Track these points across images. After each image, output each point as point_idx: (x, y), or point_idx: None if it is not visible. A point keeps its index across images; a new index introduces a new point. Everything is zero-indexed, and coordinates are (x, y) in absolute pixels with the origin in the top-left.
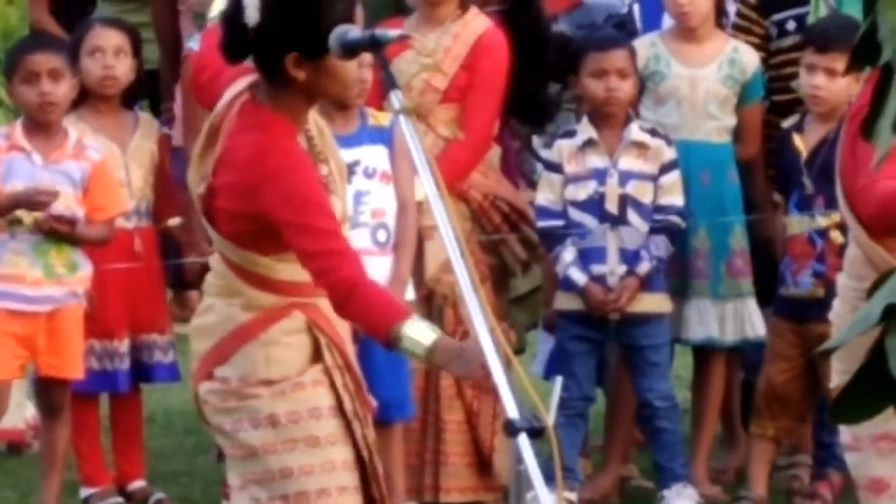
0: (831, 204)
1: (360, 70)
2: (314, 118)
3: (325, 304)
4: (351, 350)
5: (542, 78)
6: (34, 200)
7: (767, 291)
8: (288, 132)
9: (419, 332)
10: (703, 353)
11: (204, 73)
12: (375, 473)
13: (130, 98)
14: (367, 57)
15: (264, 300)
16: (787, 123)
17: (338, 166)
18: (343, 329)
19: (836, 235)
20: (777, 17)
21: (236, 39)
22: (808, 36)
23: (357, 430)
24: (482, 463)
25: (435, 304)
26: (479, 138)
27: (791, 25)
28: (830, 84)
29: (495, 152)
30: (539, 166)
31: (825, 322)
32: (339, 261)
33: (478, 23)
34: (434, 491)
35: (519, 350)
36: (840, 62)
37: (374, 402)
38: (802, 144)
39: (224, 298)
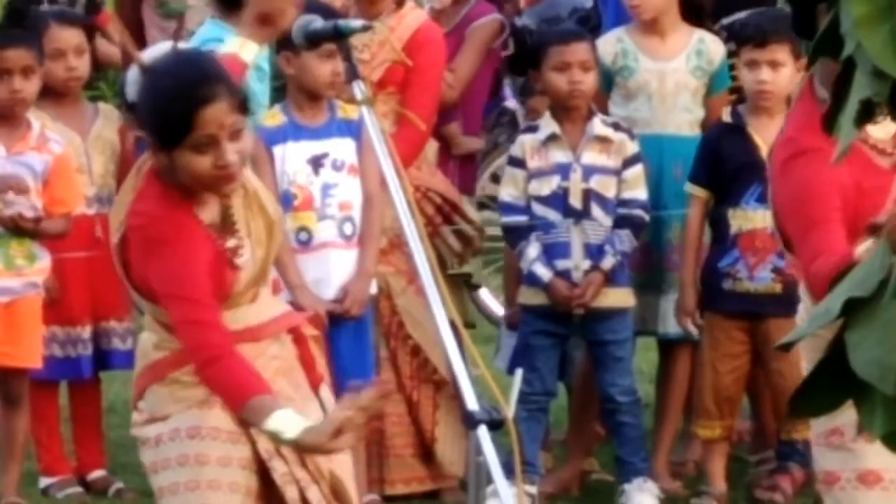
0: None
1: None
2: (248, 178)
3: (244, 350)
4: (283, 384)
5: None
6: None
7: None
8: (179, 204)
9: (286, 421)
10: (668, 347)
11: None
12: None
13: (88, 83)
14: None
15: (173, 343)
16: (725, 118)
17: (266, 224)
18: (268, 370)
19: None
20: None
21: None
22: (743, 33)
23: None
24: (426, 454)
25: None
26: (416, 133)
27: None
28: (776, 77)
29: (431, 146)
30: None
31: (780, 317)
32: (206, 331)
33: (413, 17)
34: (380, 484)
35: (470, 325)
36: (780, 53)
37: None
38: (761, 139)
39: (146, 331)
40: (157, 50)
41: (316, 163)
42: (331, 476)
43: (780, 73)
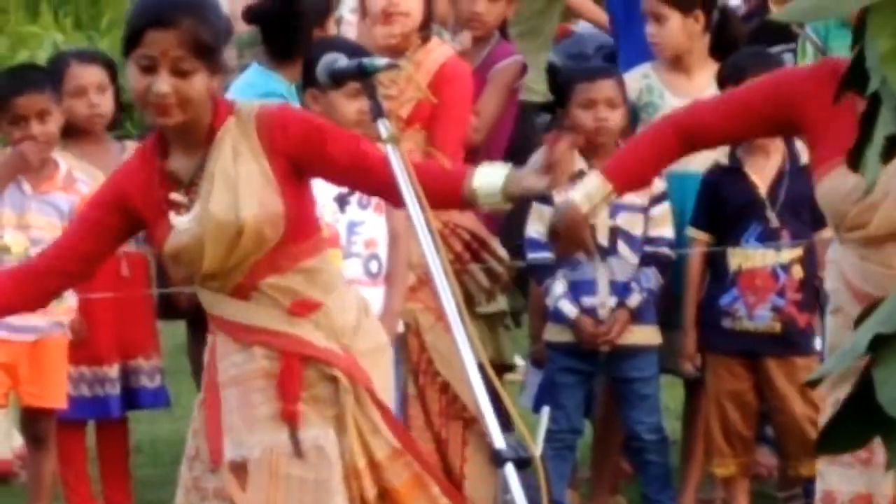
0: (797, 237)
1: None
2: (233, 142)
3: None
4: (231, 394)
5: None
6: None
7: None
8: (153, 142)
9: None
10: (694, 384)
11: None
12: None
13: (113, 122)
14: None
15: None
16: (722, 161)
17: (224, 178)
18: (224, 374)
19: (797, 270)
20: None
21: None
22: (721, 75)
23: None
24: (457, 486)
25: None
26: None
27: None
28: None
29: None
30: None
31: (779, 356)
32: None
33: (440, 52)
34: None
35: (508, 366)
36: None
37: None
38: (758, 179)
39: None
40: None
41: (342, 200)
42: None
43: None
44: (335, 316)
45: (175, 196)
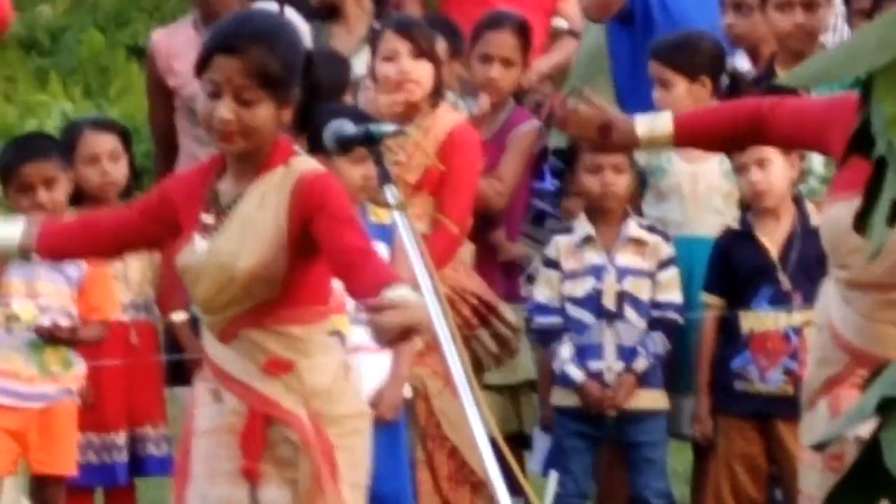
0: (808, 300)
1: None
2: (267, 189)
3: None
4: (201, 445)
5: None
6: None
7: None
8: (213, 159)
9: None
10: (704, 448)
11: None
12: None
13: (126, 190)
14: None
15: None
16: (733, 225)
17: (241, 221)
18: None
19: (810, 332)
20: None
21: None
22: None
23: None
24: None
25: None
26: (450, 236)
27: None
28: (766, 175)
29: (467, 248)
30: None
31: (791, 420)
32: None
33: (449, 118)
34: None
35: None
36: (764, 151)
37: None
38: (769, 242)
39: None
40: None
41: None
42: None
43: (770, 170)
44: (307, 379)
45: (206, 217)
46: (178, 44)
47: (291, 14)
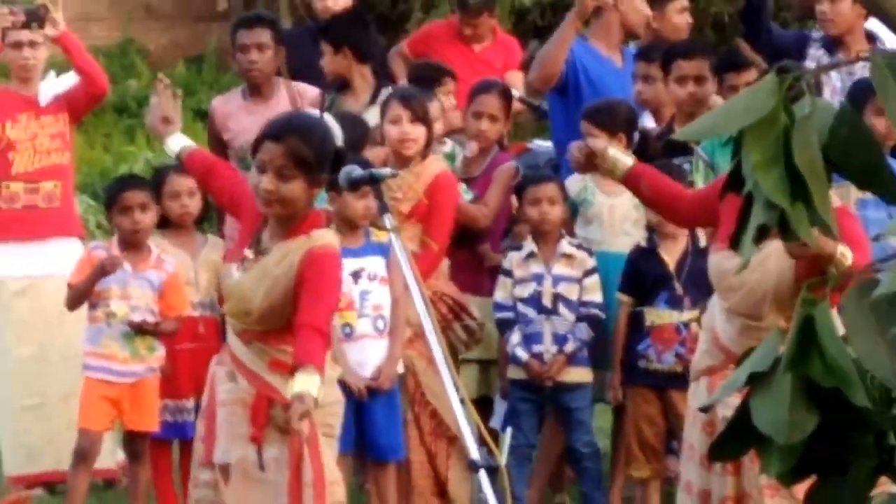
0: (695, 303)
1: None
2: (289, 250)
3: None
4: (223, 414)
5: None
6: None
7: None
8: (259, 216)
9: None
10: (620, 410)
11: None
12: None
13: (200, 219)
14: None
15: None
16: (642, 243)
17: (263, 269)
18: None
19: (695, 327)
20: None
21: None
22: None
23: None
24: (442, 492)
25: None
26: (433, 254)
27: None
28: None
29: (445, 262)
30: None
31: (680, 390)
32: None
33: (435, 166)
34: None
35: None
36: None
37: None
38: (668, 258)
39: None
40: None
41: (356, 275)
42: None
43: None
44: None
45: (248, 252)
46: (231, 108)
47: (329, 119)
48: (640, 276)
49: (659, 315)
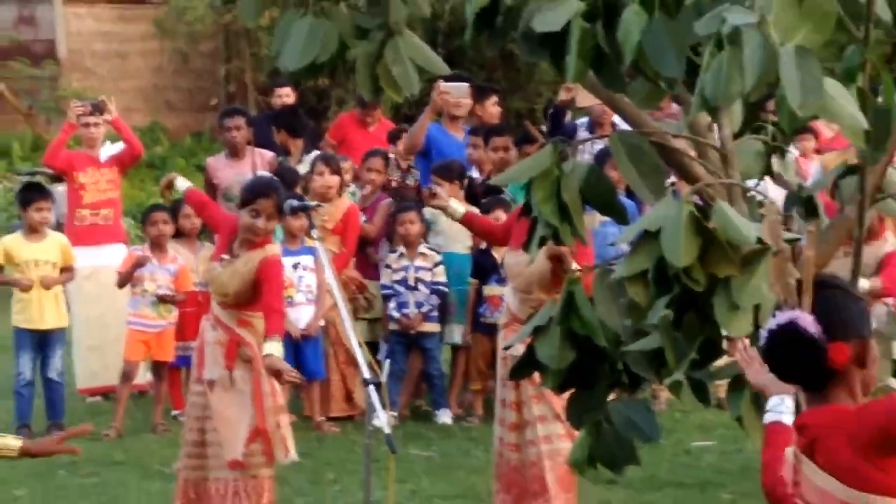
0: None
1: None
2: (252, 256)
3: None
4: (209, 353)
5: None
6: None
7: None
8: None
9: None
10: (456, 349)
11: None
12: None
13: (199, 231)
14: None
15: None
16: (483, 246)
17: (234, 269)
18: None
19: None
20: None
21: None
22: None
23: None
24: (349, 397)
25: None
26: (345, 256)
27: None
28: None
29: (352, 261)
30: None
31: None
32: None
33: (345, 201)
34: (326, 411)
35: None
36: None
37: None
38: (497, 255)
39: None
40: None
41: (295, 266)
42: None
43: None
44: (257, 333)
45: (225, 256)
46: (219, 164)
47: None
48: (482, 265)
49: (492, 289)
